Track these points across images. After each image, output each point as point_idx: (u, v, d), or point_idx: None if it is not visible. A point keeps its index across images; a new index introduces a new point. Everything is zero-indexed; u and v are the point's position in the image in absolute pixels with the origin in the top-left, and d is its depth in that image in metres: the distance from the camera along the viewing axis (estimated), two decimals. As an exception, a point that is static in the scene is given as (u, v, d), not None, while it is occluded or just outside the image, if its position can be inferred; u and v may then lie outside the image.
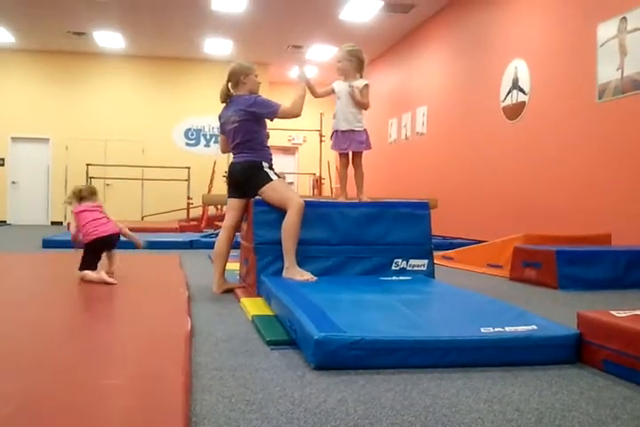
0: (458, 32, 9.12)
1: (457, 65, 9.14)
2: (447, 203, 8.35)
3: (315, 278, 3.33)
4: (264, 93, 3.81)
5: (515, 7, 7.53)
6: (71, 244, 3.88)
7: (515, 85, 7.42)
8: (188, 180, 10.86)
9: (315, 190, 12.90)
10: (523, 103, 7.23)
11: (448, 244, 7.24)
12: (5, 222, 12.69)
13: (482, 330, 2.16)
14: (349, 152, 3.94)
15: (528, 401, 1.73)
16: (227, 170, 3.99)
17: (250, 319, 2.83)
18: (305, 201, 3.50)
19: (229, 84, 3.71)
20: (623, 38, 5.61)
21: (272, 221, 3.50)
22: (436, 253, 4.17)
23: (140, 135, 13.15)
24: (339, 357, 1.99)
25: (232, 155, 3.76)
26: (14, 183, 12.95)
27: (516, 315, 2.45)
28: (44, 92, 12.96)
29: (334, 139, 3.93)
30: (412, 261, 3.69)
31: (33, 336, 2.22)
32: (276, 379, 1.89)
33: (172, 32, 11.32)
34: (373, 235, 3.65)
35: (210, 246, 4.44)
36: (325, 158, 11.70)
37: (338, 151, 3.98)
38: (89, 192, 3.82)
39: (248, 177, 3.61)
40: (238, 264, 4.23)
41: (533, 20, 7.12)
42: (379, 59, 12.48)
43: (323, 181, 12.09)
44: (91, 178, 10.49)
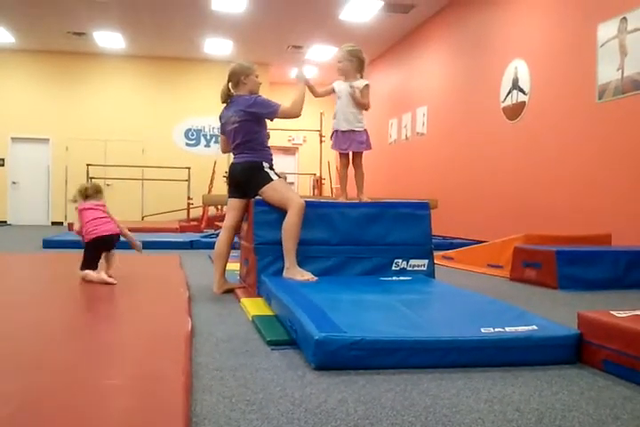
0: (458, 32, 9.12)
1: (457, 65, 9.14)
2: (447, 203, 8.36)
3: (315, 278, 3.33)
4: (264, 94, 3.81)
5: (515, 7, 7.53)
6: (81, 242, 3.88)
7: (515, 85, 7.42)
8: (189, 180, 10.87)
9: (315, 190, 12.90)
10: (523, 103, 7.23)
11: (448, 244, 7.25)
12: (6, 223, 12.69)
13: (482, 330, 2.16)
14: (350, 152, 3.94)
15: (528, 401, 1.73)
16: (227, 170, 3.99)
17: (250, 319, 2.83)
18: (305, 201, 3.50)
19: (230, 84, 3.71)
20: (623, 38, 5.61)
21: (272, 221, 3.50)
22: (437, 253, 4.17)
23: (141, 135, 13.15)
24: (339, 357, 1.99)
25: (232, 155, 3.77)
26: (14, 183, 12.95)
27: (517, 315, 2.45)
28: (44, 92, 12.96)
29: (334, 139, 3.93)
30: (413, 261, 3.69)
31: (33, 336, 2.22)
32: (277, 379, 1.90)
33: (172, 32, 11.32)
34: (374, 235, 3.65)
35: (210, 247, 4.44)
36: (325, 158, 11.71)
37: (338, 151, 3.99)
38: (94, 190, 3.83)
39: (248, 177, 3.62)
40: (238, 264, 4.23)
41: (533, 21, 7.13)
42: (379, 59, 12.48)
43: (323, 182, 12.09)
44: (91, 178, 10.49)
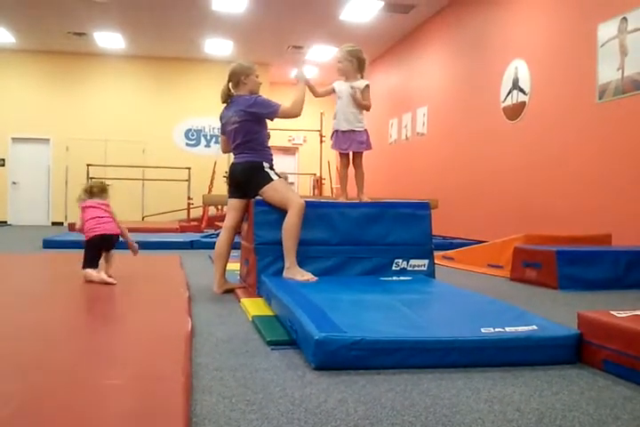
0: (458, 32, 9.12)
1: (457, 65, 9.14)
2: (447, 203, 8.36)
3: (315, 279, 3.33)
4: (264, 94, 3.81)
5: (515, 7, 7.53)
6: (82, 242, 3.89)
7: (515, 86, 7.42)
8: (189, 180, 10.87)
9: (315, 190, 12.90)
10: (523, 103, 7.23)
11: (448, 244, 7.24)
12: (6, 223, 12.68)
13: (482, 330, 2.16)
14: (350, 152, 3.95)
15: (528, 401, 1.73)
16: (227, 170, 3.98)
17: (250, 320, 2.83)
18: (305, 201, 3.51)
19: (230, 84, 3.71)
20: (623, 38, 5.61)
21: (272, 221, 3.50)
22: (437, 253, 4.17)
23: (141, 135, 13.15)
24: (339, 357, 1.99)
25: (233, 155, 3.77)
26: (15, 184, 12.95)
27: (517, 315, 2.45)
28: (45, 92, 12.96)
29: (334, 139, 3.93)
30: (413, 261, 3.69)
31: (33, 337, 2.22)
32: (277, 379, 1.89)
33: (172, 32, 11.32)
34: (374, 235, 3.65)
35: (210, 247, 4.44)
36: (325, 158, 11.71)
37: (338, 151, 3.99)
38: (99, 189, 3.86)
39: (249, 177, 3.62)
40: (238, 264, 4.23)
41: (533, 21, 7.12)
42: (379, 59, 12.48)
43: (323, 182, 12.09)
44: (91, 178, 10.47)
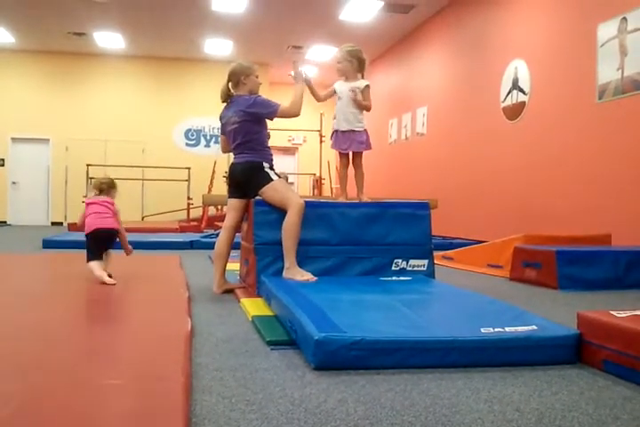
0: (458, 32, 9.12)
1: (457, 65, 9.14)
2: (447, 203, 8.36)
3: (315, 279, 3.33)
4: (264, 94, 3.81)
5: (515, 7, 7.53)
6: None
7: (515, 86, 7.42)
8: (189, 180, 10.87)
9: (315, 190, 12.90)
10: (523, 103, 7.23)
11: (448, 244, 7.24)
12: (5, 223, 12.69)
13: (482, 330, 2.16)
14: (350, 152, 3.94)
15: (528, 401, 1.73)
16: (227, 170, 3.99)
17: (250, 320, 2.83)
18: (305, 201, 3.51)
19: (230, 84, 3.71)
20: (623, 38, 5.61)
21: (272, 221, 3.50)
22: (436, 253, 4.17)
23: (141, 135, 13.15)
24: (339, 357, 1.99)
25: (233, 155, 3.77)
26: (14, 184, 12.95)
27: (516, 315, 2.45)
28: (44, 92, 12.96)
29: (334, 139, 3.93)
30: (412, 261, 3.69)
31: (33, 337, 2.22)
32: (277, 379, 1.89)
33: (172, 32, 11.32)
34: (373, 235, 3.65)
35: (210, 247, 4.44)
36: (325, 158, 11.71)
37: (338, 151, 3.99)
38: (108, 185, 3.89)
39: (249, 177, 3.62)
40: (238, 264, 4.23)
41: (533, 21, 7.13)
42: (379, 59, 12.48)
43: (323, 182, 12.09)
44: (91, 178, 10.48)
